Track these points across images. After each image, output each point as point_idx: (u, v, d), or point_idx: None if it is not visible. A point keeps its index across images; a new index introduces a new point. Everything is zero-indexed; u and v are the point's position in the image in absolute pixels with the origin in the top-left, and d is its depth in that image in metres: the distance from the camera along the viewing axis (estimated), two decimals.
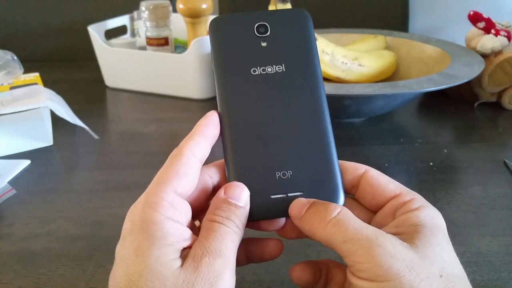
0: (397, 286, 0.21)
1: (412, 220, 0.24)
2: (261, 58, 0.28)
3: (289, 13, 0.30)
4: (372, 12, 1.14)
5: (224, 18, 0.30)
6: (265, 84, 0.28)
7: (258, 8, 0.80)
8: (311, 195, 0.26)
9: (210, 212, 0.25)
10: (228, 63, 0.28)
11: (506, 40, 0.66)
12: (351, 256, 0.22)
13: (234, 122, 0.27)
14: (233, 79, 0.28)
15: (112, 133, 0.64)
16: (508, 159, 0.52)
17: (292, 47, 0.29)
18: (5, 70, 0.63)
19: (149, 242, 0.22)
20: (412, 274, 0.21)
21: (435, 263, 0.22)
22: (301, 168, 0.27)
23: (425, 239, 0.23)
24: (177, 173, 0.25)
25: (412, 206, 0.25)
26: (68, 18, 1.08)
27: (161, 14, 0.77)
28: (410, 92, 0.53)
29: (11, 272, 0.37)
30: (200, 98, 0.75)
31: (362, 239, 0.22)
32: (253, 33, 0.29)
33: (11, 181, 0.50)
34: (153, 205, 0.23)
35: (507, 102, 0.67)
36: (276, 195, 0.26)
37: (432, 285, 0.21)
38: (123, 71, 0.79)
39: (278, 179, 0.26)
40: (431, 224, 0.24)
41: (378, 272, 0.21)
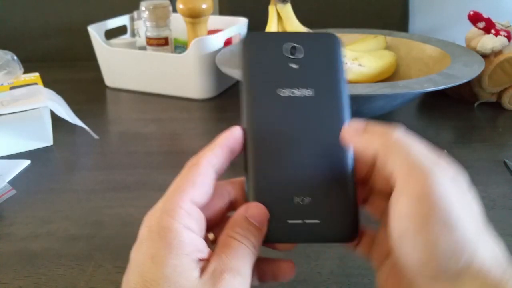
0: (444, 216, 0.21)
1: (447, 173, 0.24)
2: (290, 80, 0.28)
3: (321, 37, 0.30)
4: (372, 12, 1.14)
5: (257, 35, 0.30)
6: (292, 107, 0.28)
7: (258, 8, 0.80)
8: (327, 225, 0.26)
9: (229, 228, 0.25)
10: (256, 81, 0.28)
11: (506, 40, 0.66)
12: (405, 177, 0.22)
13: (257, 141, 0.27)
14: (260, 97, 0.28)
15: (112, 133, 0.64)
16: (508, 159, 0.52)
17: (322, 72, 0.29)
18: (5, 70, 0.63)
19: (166, 250, 0.22)
20: (459, 208, 0.21)
21: (473, 211, 0.23)
22: (320, 196, 0.26)
23: (462, 189, 0.23)
24: (193, 182, 0.25)
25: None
26: (68, 18, 1.08)
27: (161, 14, 0.77)
28: (410, 92, 0.53)
29: (11, 272, 0.37)
30: (200, 98, 0.75)
31: (425, 159, 0.22)
32: (285, 53, 0.29)
33: (11, 181, 0.50)
34: (171, 213, 0.23)
35: (507, 102, 0.67)
36: (293, 220, 0.26)
37: (471, 226, 0.21)
38: (123, 71, 0.79)
39: (296, 204, 0.26)
40: (462, 178, 0.24)
41: (431, 197, 0.21)
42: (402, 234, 0.22)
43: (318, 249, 0.38)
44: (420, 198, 0.21)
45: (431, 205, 0.21)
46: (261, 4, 0.77)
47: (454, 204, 0.21)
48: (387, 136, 0.24)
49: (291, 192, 0.26)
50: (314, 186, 0.27)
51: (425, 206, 0.21)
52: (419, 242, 0.21)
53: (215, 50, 0.72)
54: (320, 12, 1.13)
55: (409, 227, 0.22)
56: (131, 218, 0.43)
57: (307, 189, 0.26)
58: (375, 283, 0.34)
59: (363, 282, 0.35)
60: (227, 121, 0.68)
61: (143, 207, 0.47)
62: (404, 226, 0.22)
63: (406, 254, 0.22)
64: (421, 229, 0.21)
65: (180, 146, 0.60)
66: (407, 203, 0.22)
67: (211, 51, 0.72)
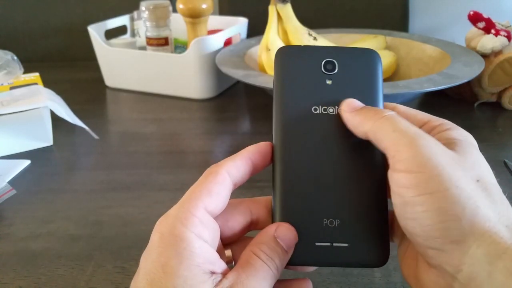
0: (434, 178, 0.21)
1: (446, 136, 0.24)
2: (325, 97, 0.27)
3: (358, 52, 0.28)
4: (372, 12, 1.14)
5: (292, 48, 0.28)
6: (325, 125, 0.27)
7: (258, 8, 0.80)
8: (356, 249, 0.26)
9: (254, 245, 0.24)
10: (290, 96, 0.27)
11: (506, 40, 0.65)
12: (394, 145, 0.23)
13: (288, 159, 0.26)
14: (293, 114, 0.27)
15: (112, 133, 0.64)
16: (508, 159, 0.52)
17: (358, 90, 0.27)
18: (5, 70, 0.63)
19: (177, 260, 0.22)
20: (451, 170, 0.21)
21: (473, 169, 0.22)
22: (350, 219, 0.26)
23: (462, 148, 0.23)
24: (210, 191, 0.24)
25: (443, 127, 0.25)
26: (68, 18, 1.08)
27: (161, 14, 0.77)
28: (410, 92, 0.53)
29: (11, 272, 0.37)
30: (200, 98, 0.75)
31: (410, 132, 0.23)
32: (320, 69, 0.28)
33: (11, 181, 0.50)
34: (184, 221, 0.23)
35: (507, 102, 0.67)
36: (321, 243, 0.25)
37: (469, 185, 0.21)
38: (123, 71, 0.79)
39: (325, 227, 0.26)
40: (465, 139, 0.24)
41: (417, 162, 0.22)
42: (401, 206, 0.23)
43: None
44: (409, 167, 0.22)
45: (419, 171, 0.22)
46: (261, 4, 0.77)
47: (443, 166, 0.21)
48: (376, 116, 0.24)
49: (320, 213, 0.26)
50: (344, 209, 0.26)
51: (413, 173, 0.22)
52: (416, 212, 0.22)
53: (215, 50, 0.72)
54: (320, 12, 1.13)
55: (405, 198, 0.22)
56: (131, 218, 0.43)
57: (337, 212, 0.26)
58: (374, 282, 0.35)
59: (363, 282, 0.35)
60: (227, 121, 0.68)
61: (143, 207, 0.47)
62: (400, 198, 0.22)
63: (410, 228, 0.23)
64: (415, 197, 0.22)
65: (180, 146, 0.60)
66: (400, 175, 0.22)
67: (211, 51, 0.72)
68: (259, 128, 0.65)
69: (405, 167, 0.22)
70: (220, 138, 0.63)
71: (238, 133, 0.65)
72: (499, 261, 0.20)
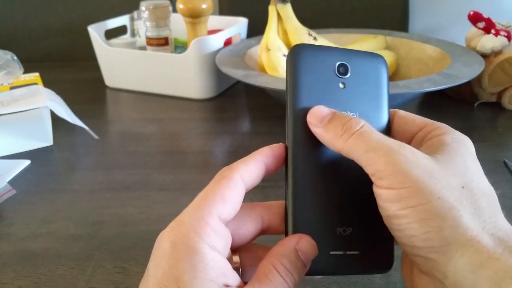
0: (416, 192, 0.21)
1: (436, 142, 0.24)
2: (337, 101, 0.27)
3: (370, 57, 0.28)
4: (372, 12, 1.14)
5: (305, 48, 0.28)
6: None
7: (258, 8, 0.80)
8: (366, 256, 0.26)
9: (275, 257, 0.24)
10: (304, 99, 0.26)
11: (506, 40, 0.65)
12: (372, 165, 0.23)
13: (301, 166, 0.26)
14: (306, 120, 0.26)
15: (112, 133, 0.64)
16: (508, 159, 0.52)
17: (369, 95, 0.28)
18: (5, 70, 0.63)
19: (191, 274, 0.21)
20: (432, 181, 0.22)
21: (457, 175, 0.22)
22: (360, 227, 0.26)
23: (447, 154, 0.23)
24: (223, 197, 0.23)
25: (437, 132, 0.25)
26: (68, 18, 1.08)
27: (161, 14, 0.77)
28: (410, 92, 0.53)
29: (11, 272, 0.37)
30: (200, 98, 0.75)
31: (383, 148, 0.23)
32: (333, 71, 0.27)
33: (11, 181, 0.50)
34: (198, 230, 0.22)
35: (507, 102, 0.67)
36: (336, 252, 0.25)
37: (453, 194, 0.22)
38: (123, 71, 0.79)
39: (339, 235, 0.25)
40: (455, 143, 0.24)
41: (397, 178, 0.22)
42: (387, 219, 0.23)
43: None
44: (390, 183, 0.22)
45: (400, 188, 0.22)
46: (261, 4, 0.77)
47: (422, 180, 0.22)
48: (345, 135, 0.24)
49: (334, 221, 0.26)
50: (356, 216, 0.26)
51: (395, 189, 0.22)
52: (400, 224, 0.22)
53: (215, 50, 0.72)
54: (320, 12, 1.13)
55: (389, 212, 0.22)
56: (131, 218, 0.43)
57: (349, 219, 0.26)
58: (374, 282, 0.35)
59: (363, 282, 0.35)
60: (227, 121, 0.68)
61: (143, 207, 0.47)
62: (386, 212, 0.23)
63: (398, 238, 0.23)
64: (398, 211, 0.22)
65: (180, 146, 0.60)
66: (382, 191, 0.23)
67: (211, 51, 0.72)
68: (259, 128, 0.65)
69: (387, 184, 0.22)
70: (220, 138, 0.63)
71: (238, 133, 0.65)
72: (482, 270, 0.20)
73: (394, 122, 0.27)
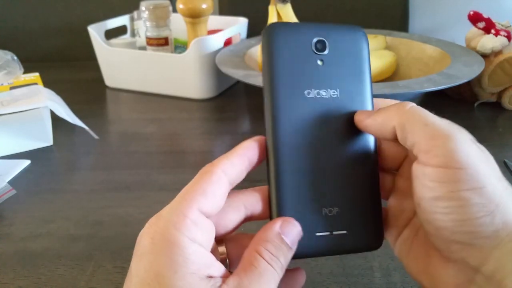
0: (473, 174, 0.21)
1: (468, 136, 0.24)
2: (317, 80, 0.26)
3: (347, 31, 0.27)
4: (372, 12, 1.14)
5: (281, 26, 0.26)
6: (318, 110, 0.26)
7: (258, 8, 0.80)
8: (354, 235, 0.25)
9: (258, 243, 0.23)
10: (282, 80, 0.25)
11: (506, 40, 0.65)
12: (429, 139, 0.22)
13: (283, 149, 0.25)
14: (285, 99, 0.25)
15: (112, 133, 0.64)
16: (508, 159, 0.52)
17: (348, 70, 0.27)
18: (5, 70, 0.63)
19: (171, 269, 0.21)
20: (485, 167, 0.22)
21: (496, 168, 0.23)
22: (347, 206, 0.25)
23: (484, 149, 0.23)
24: (204, 191, 0.23)
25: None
26: (68, 18, 1.08)
27: (161, 14, 0.77)
28: (410, 92, 0.53)
29: (11, 272, 0.37)
30: (200, 98, 0.75)
31: (444, 125, 0.22)
32: (310, 49, 0.26)
33: (11, 181, 0.50)
34: (177, 224, 0.22)
35: (507, 102, 0.67)
36: (321, 233, 0.25)
37: (499, 183, 0.22)
38: (123, 71, 0.79)
39: (324, 216, 0.25)
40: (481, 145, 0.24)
41: (457, 157, 0.21)
42: (432, 200, 0.22)
43: None
44: (447, 162, 0.21)
45: (458, 168, 0.21)
46: (261, 4, 0.77)
47: (479, 164, 0.22)
48: (401, 110, 0.24)
49: (320, 202, 0.25)
50: (342, 195, 0.25)
51: (452, 169, 0.21)
52: (451, 206, 0.21)
53: (215, 50, 0.72)
54: (320, 12, 1.13)
55: (439, 193, 0.22)
56: (131, 218, 0.43)
57: (335, 199, 0.25)
58: (374, 282, 0.35)
59: (363, 282, 0.35)
60: (227, 121, 0.68)
61: (143, 207, 0.47)
62: (432, 192, 0.22)
63: (438, 221, 0.22)
64: (452, 193, 0.21)
65: (180, 146, 0.60)
66: (434, 170, 0.22)
67: (211, 51, 0.72)
68: (259, 128, 0.65)
69: (443, 163, 0.21)
70: (220, 138, 0.63)
71: (238, 133, 0.65)
72: None
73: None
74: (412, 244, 0.26)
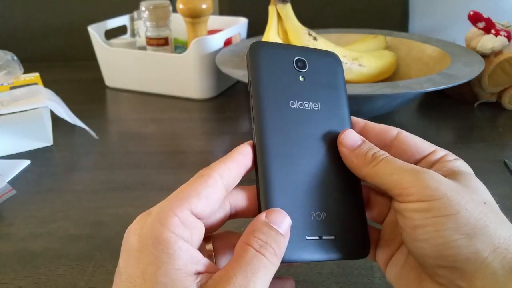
0: (446, 203, 0.22)
1: (451, 167, 0.25)
2: (299, 93, 0.28)
3: (324, 54, 0.30)
4: (372, 12, 1.14)
5: (265, 45, 0.29)
6: (302, 120, 0.28)
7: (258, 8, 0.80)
8: (342, 242, 0.26)
9: (247, 234, 0.23)
10: (267, 92, 0.27)
11: (506, 40, 0.65)
12: (398, 185, 0.24)
13: (272, 156, 0.26)
14: (272, 110, 0.27)
15: (112, 133, 0.64)
16: (508, 159, 0.52)
17: (327, 87, 0.29)
18: (5, 70, 0.63)
19: (155, 266, 0.21)
20: (458, 195, 0.23)
21: (478, 193, 0.24)
22: (334, 211, 0.26)
23: (465, 177, 0.24)
24: (198, 193, 0.23)
25: (448, 158, 0.26)
26: (68, 18, 1.08)
27: (161, 14, 0.77)
28: (410, 92, 0.53)
29: (11, 272, 0.37)
30: (200, 98, 0.75)
31: (408, 170, 0.24)
32: (293, 66, 0.29)
33: (11, 181, 0.50)
34: (163, 221, 0.22)
35: (507, 102, 0.67)
36: (312, 237, 0.25)
37: (478, 207, 0.23)
38: (123, 71, 0.79)
39: (313, 220, 0.26)
40: (466, 170, 0.26)
41: (427, 192, 0.23)
42: (411, 229, 0.23)
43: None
44: (420, 197, 0.23)
45: (431, 200, 0.23)
46: (261, 4, 0.77)
47: (451, 194, 0.23)
48: (372, 163, 0.26)
49: (307, 207, 0.26)
50: (329, 201, 0.26)
51: (425, 202, 0.23)
52: (428, 232, 0.23)
53: (215, 50, 0.72)
54: (320, 12, 1.13)
55: (417, 222, 0.23)
56: (131, 218, 0.43)
57: (323, 204, 0.26)
58: (374, 282, 0.35)
59: (363, 282, 0.35)
60: (227, 121, 0.68)
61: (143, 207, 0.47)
62: (411, 222, 0.23)
63: (420, 249, 0.23)
64: (427, 219, 0.23)
65: (180, 146, 0.60)
66: (410, 204, 0.23)
67: (211, 51, 0.72)
68: None
69: (416, 198, 0.23)
70: (220, 138, 0.63)
71: (238, 133, 0.65)
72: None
73: (400, 143, 0.28)
74: (403, 268, 0.26)
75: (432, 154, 0.27)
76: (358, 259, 0.27)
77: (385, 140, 0.28)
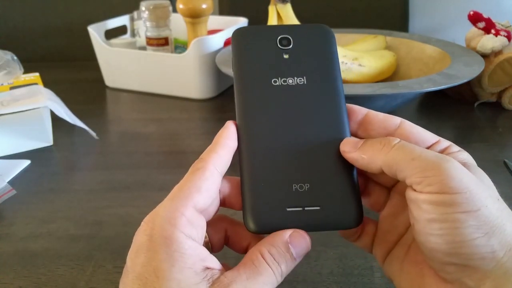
0: (468, 198, 0.21)
1: (459, 159, 0.24)
2: (283, 70, 0.28)
3: (311, 28, 0.30)
4: (372, 12, 1.14)
5: (247, 29, 0.30)
6: (286, 95, 0.27)
7: (258, 8, 0.80)
8: (328, 211, 0.26)
9: (263, 245, 0.24)
10: (249, 73, 0.28)
11: (506, 40, 0.65)
12: (419, 173, 0.22)
13: (252, 132, 0.27)
14: (253, 88, 0.28)
15: (112, 133, 0.64)
16: (508, 159, 0.52)
17: (314, 61, 0.29)
18: (5, 70, 0.63)
19: (168, 263, 0.22)
20: (479, 190, 0.22)
21: (492, 188, 0.23)
22: (319, 182, 0.26)
23: (475, 170, 0.24)
24: (199, 188, 0.24)
25: (453, 150, 0.25)
26: (68, 18, 1.08)
27: (161, 14, 0.77)
28: (410, 92, 0.53)
29: (11, 272, 0.37)
30: (200, 98, 0.75)
31: (431, 156, 0.23)
32: (276, 45, 0.29)
33: (11, 181, 0.50)
34: (173, 221, 0.23)
35: (507, 102, 0.67)
36: (292, 208, 0.25)
37: (495, 204, 0.22)
38: (123, 71, 0.79)
39: (295, 192, 0.26)
40: (472, 161, 0.25)
41: (450, 184, 0.21)
42: (426, 223, 0.22)
43: (318, 249, 0.38)
44: (441, 189, 0.22)
45: (452, 193, 0.22)
46: (261, 4, 0.77)
47: (473, 188, 0.22)
48: (386, 149, 0.24)
49: (289, 179, 0.26)
50: (313, 173, 0.26)
51: (446, 194, 0.22)
52: (445, 228, 0.22)
53: (215, 50, 0.72)
54: (320, 12, 1.13)
55: (434, 215, 0.22)
56: (131, 218, 0.43)
57: (306, 176, 0.26)
58: (374, 283, 0.35)
59: (363, 282, 0.35)
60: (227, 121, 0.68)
61: (143, 207, 0.47)
62: (427, 215, 0.22)
63: (433, 243, 0.22)
64: (446, 215, 0.22)
65: (180, 146, 0.60)
66: (429, 195, 0.22)
67: (211, 51, 0.72)
68: None
69: (437, 190, 0.22)
70: None
71: None
72: None
73: (403, 132, 0.27)
74: (404, 263, 0.26)
75: (436, 144, 0.26)
76: (348, 229, 0.26)
77: (389, 129, 0.27)
